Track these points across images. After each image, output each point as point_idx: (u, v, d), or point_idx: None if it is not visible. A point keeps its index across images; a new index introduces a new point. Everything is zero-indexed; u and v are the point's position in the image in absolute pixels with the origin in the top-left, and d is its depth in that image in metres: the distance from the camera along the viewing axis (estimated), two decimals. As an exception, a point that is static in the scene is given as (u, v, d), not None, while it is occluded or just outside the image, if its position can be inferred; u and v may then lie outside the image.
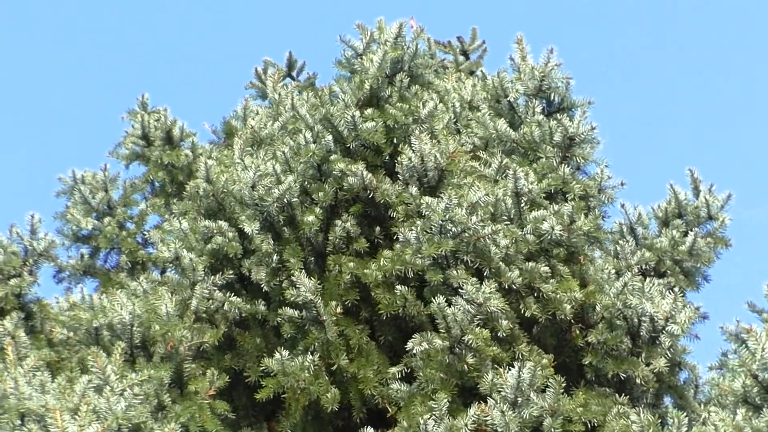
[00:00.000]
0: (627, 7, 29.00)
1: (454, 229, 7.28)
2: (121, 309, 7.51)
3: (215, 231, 8.07)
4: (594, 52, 27.79)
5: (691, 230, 9.06)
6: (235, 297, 8.00)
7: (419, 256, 7.34)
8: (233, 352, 7.97)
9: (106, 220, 10.05)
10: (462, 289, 7.08)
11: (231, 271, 8.09)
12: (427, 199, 7.47)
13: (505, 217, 7.65)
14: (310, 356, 7.43)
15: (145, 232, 10.25)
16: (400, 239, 7.57)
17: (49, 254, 9.57)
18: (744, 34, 27.78)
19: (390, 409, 7.35)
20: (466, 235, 7.29)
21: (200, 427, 7.23)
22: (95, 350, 7.08)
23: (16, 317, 8.36)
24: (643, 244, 9.13)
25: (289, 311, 7.65)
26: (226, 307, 7.93)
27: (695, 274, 9.06)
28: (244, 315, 8.03)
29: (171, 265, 8.10)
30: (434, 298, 7.08)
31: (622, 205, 9.32)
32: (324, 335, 7.56)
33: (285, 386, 7.40)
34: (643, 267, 8.91)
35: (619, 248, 8.92)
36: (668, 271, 8.95)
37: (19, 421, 6.46)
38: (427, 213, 7.38)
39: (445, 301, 7.09)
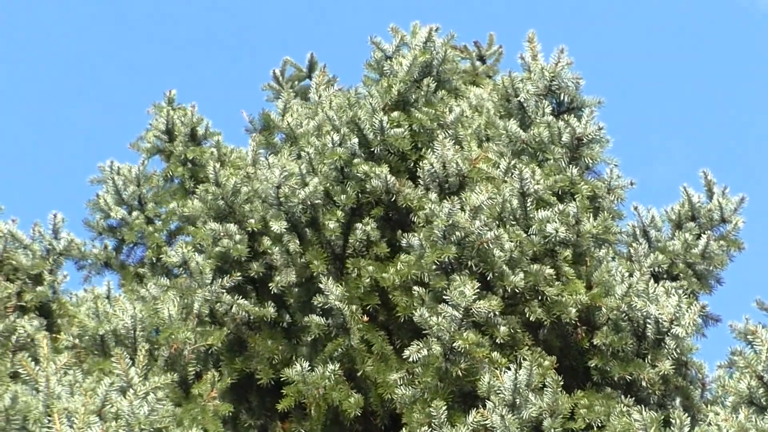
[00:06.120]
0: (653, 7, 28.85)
1: (457, 233, 7.29)
2: (123, 314, 7.61)
3: (222, 234, 8.03)
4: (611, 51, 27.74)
5: (704, 233, 9.07)
6: (243, 299, 7.97)
7: (423, 262, 7.35)
8: (244, 354, 7.99)
9: (135, 213, 10.08)
10: (446, 294, 7.07)
11: (239, 274, 8.03)
12: (430, 204, 7.51)
13: (512, 218, 7.63)
14: (331, 365, 7.46)
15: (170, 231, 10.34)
16: (404, 245, 7.59)
17: (70, 252, 9.68)
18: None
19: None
20: (470, 240, 7.29)
21: (203, 430, 7.22)
22: (119, 352, 6.99)
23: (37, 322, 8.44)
24: (656, 246, 9.14)
25: (316, 319, 7.69)
26: (234, 309, 7.91)
27: (708, 277, 9.05)
28: (253, 318, 8.01)
29: (180, 268, 8.10)
30: (419, 309, 7.12)
31: (635, 208, 9.33)
32: (348, 342, 7.61)
33: (305, 394, 7.44)
34: (656, 270, 8.91)
35: (632, 251, 8.93)
36: (681, 274, 8.95)
37: (47, 420, 6.42)
38: (430, 218, 7.40)
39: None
